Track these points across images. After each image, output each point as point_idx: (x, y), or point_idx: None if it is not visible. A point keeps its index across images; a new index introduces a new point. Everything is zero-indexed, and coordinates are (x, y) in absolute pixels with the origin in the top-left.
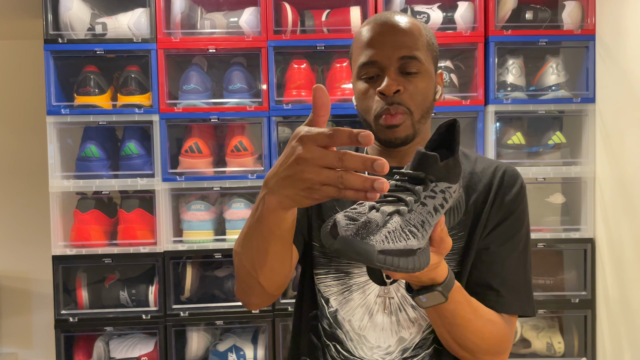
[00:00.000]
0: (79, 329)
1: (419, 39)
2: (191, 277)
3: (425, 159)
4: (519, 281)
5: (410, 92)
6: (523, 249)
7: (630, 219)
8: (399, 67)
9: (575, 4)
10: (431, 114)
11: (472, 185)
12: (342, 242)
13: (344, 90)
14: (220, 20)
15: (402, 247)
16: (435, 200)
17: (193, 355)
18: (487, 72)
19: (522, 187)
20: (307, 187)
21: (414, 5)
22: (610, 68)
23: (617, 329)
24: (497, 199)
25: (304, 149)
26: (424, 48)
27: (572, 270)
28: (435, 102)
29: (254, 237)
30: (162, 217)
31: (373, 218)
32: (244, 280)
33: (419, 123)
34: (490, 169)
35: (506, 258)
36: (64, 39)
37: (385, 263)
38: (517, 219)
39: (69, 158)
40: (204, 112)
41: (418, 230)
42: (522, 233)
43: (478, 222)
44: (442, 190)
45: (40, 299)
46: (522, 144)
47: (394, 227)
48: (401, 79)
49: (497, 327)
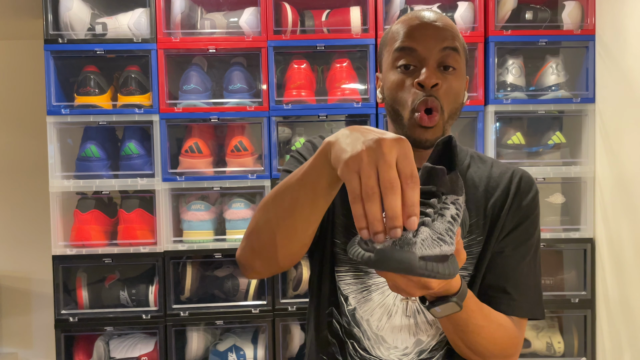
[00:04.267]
0: (79, 328)
1: (458, 37)
2: (191, 277)
3: (434, 173)
4: (530, 285)
5: (445, 89)
6: (534, 253)
7: (630, 218)
8: (438, 60)
9: (575, 4)
10: (457, 117)
11: (489, 189)
12: (381, 254)
13: (344, 90)
14: (220, 20)
15: (438, 253)
16: (450, 210)
17: (193, 355)
18: (487, 72)
19: (537, 193)
20: (351, 162)
21: (413, 5)
22: (610, 68)
23: (616, 328)
24: (514, 204)
25: (388, 151)
26: (462, 47)
27: (571, 270)
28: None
29: (290, 189)
30: (162, 217)
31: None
32: (260, 235)
33: (447, 124)
34: (507, 174)
35: (519, 262)
36: (64, 39)
37: (427, 269)
38: (531, 223)
39: (69, 158)
40: (204, 112)
41: (446, 238)
42: (535, 237)
43: (495, 226)
44: (453, 202)
45: (41, 298)
46: (522, 144)
47: (425, 236)
48: (439, 74)
49: (507, 331)
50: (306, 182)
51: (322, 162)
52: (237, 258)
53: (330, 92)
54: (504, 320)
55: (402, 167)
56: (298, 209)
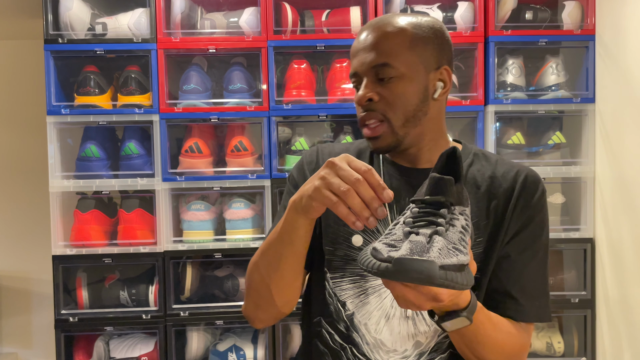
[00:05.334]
0: (79, 328)
1: (396, 41)
2: (191, 277)
3: (442, 184)
4: (537, 288)
5: (386, 98)
6: (543, 256)
7: (630, 218)
8: (373, 76)
9: (575, 4)
10: (427, 114)
11: (492, 190)
12: (400, 263)
13: (344, 90)
14: (220, 20)
15: (456, 262)
16: (460, 221)
17: (193, 355)
18: (487, 72)
19: (543, 193)
20: (316, 186)
21: (413, 5)
22: (610, 68)
23: (616, 328)
24: (518, 206)
25: (338, 161)
26: (404, 50)
27: (571, 270)
28: (437, 100)
29: (273, 245)
30: (162, 217)
31: (418, 240)
32: (257, 290)
33: (404, 128)
34: (511, 174)
35: (526, 266)
36: (64, 39)
37: (447, 279)
38: (538, 225)
39: (69, 158)
40: (204, 112)
41: (461, 248)
42: (542, 239)
43: (499, 229)
44: (461, 213)
45: (41, 298)
46: (521, 144)
47: (441, 246)
48: (378, 86)
49: (515, 339)
50: (284, 238)
51: (293, 216)
52: (243, 313)
53: (330, 92)
54: (512, 328)
55: (354, 166)
56: (283, 262)
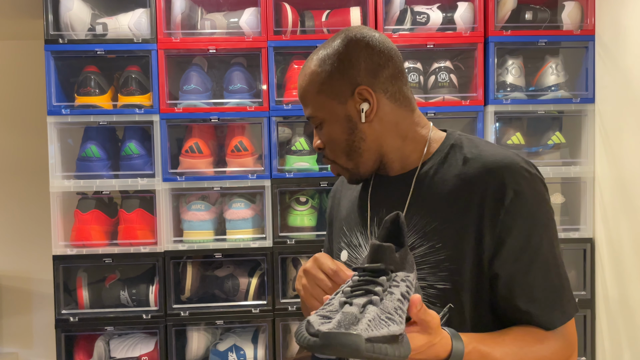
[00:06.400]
0: (80, 328)
1: (309, 91)
2: (191, 277)
3: (382, 251)
4: (548, 292)
5: (325, 143)
6: (547, 251)
7: (630, 218)
8: (312, 125)
9: (574, 5)
10: (364, 139)
11: (456, 192)
12: (326, 337)
13: None
14: (221, 21)
15: (385, 334)
16: (400, 288)
17: (193, 354)
18: (486, 72)
19: (520, 189)
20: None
21: (413, 5)
22: (610, 68)
23: (616, 328)
24: (487, 215)
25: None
26: (315, 96)
27: (571, 270)
28: (371, 120)
29: None
30: (162, 217)
31: (349, 311)
32: None
33: (350, 162)
34: (481, 176)
35: (527, 274)
36: (64, 39)
37: (375, 352)
38: (527, 224)
39: (70, 158)
40: (204, 112)
41: (394, 317)
42: (537, 236)
43: (463, 235)
44: (403, 279)
45: (41, 298)
46: (521, 144)
47: (372, 316)
48: (319, 133)
49: (544, 352)
50: None
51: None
52: None
53: None
54: (538, 340)
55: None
56: None
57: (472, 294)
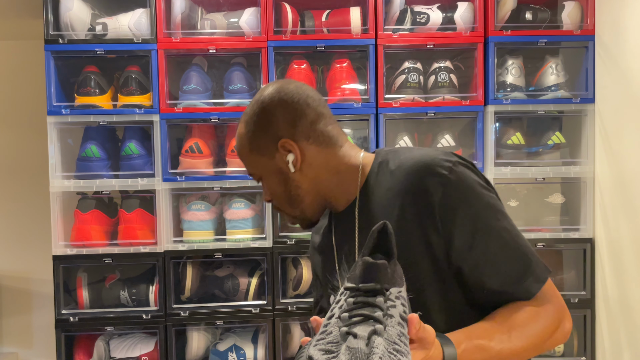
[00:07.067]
0: (80, 328)
1: (243, 152)
2: (191, 277)
3: (376, 269)
4: (513, 262)
5: (270, 196)
6: (497, 227)
7: (630, 218)
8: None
9: (574, 5)
10: (300, 186)
11: (392, 203)
12: None
13: (344, 90)
14: (221, 21)
15: None
16: (397, 308)
17: (193, 354)
18: (486, 72)
19: (445, 181)
20: None
21: (413, 5)
22: (610, 68)
23: (616, 328)
24: (426, 215)
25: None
26: (248, 155)
27: (571, 270)
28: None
29: None
30: (162, 217)
31: (355, 346)
32: None
33: (294, 210)
34: (406, 182)
35: (486, 254)
36: (64, 39)
37: None
38: (466, 212)
39: (70, 158)
40: (204, 112)
41: (401, 346)
42: (482, 217)
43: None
44: (397, 297)
45: (41, 298)
46: (521, 144)
47: (382, 351)
48: (263, 187)
49: (537, 323)
50: None
51: None
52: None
53: (330, 92)
54: (526, 314)
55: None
56: None
57: (438, 296)
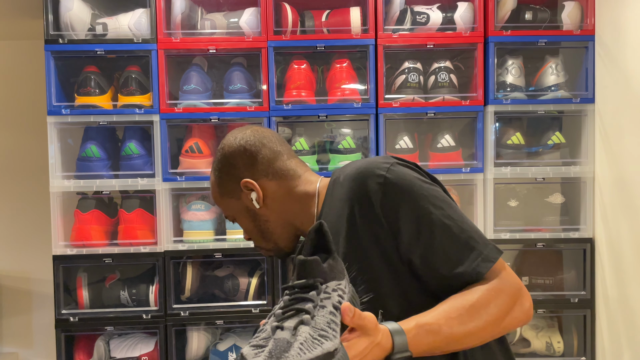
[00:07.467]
0: (80, 328)
1: (215, 193)
2: (191, 277)
3: (308, 265)
4: (460, 246)
5: (247, 234)
6: (440, 215)
7: (630, 218)
8: None
9: (574, 5)
10: (268, 220)
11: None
12: None
13: (344, 90)
14: (221, 21)
15: (319, 354)
16: (332, 299)
17: (193, 354)
18: (486, 72)
19: (384, 181)
20: None
21: (413, 5)
22: (610, 68)
23: (616, 328)
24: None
25: None
26: (219, 198)
27: (571, 270)
28: (265, 204)
29: None
30: (162, 217)
31: (280, 337)
32: None
33: (268, 243)
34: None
35: (433, 242)
36: (64, 39)
37: None
38: (407, 206)
39: (70, 158)
40: (205, 112)
41: (328, 332)
42: (423, 209)
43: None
44: (335, 289)
45: (41, 298)
46: (521, 144)
47: (305, 338)
48: (240, 226)
49: (492, 303)
50: None
51: None
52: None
53: (330, 92)
54: (480, 299)
55: None
56: None
57: (397, 292)
